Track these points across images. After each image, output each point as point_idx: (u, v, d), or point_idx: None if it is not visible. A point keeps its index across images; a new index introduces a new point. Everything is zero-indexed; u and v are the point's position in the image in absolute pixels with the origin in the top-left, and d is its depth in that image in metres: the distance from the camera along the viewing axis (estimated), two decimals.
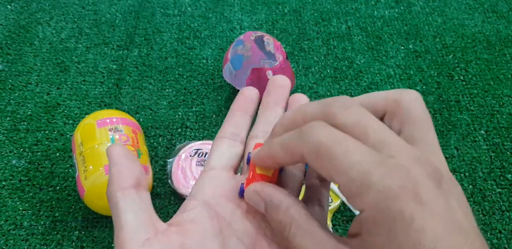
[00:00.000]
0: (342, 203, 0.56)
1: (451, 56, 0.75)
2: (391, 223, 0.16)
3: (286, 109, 0.29)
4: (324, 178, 0.25)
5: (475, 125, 0.66)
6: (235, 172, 0.26)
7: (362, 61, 0.73)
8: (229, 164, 0.26)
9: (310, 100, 0.68)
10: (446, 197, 0.17)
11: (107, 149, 0.23)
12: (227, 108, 0.66)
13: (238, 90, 0.67)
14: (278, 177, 0.24)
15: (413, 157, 0.18)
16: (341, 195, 0.57)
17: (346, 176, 0.17)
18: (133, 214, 0.21)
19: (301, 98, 0.29)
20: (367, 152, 0.17)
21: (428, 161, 0.18)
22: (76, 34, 0.74)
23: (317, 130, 0.18)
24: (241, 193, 0.23)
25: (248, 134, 0.28)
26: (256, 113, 0.29)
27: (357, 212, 0.53)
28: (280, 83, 0.29)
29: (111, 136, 0.51)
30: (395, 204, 0.16)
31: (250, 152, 0.25)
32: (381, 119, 0.22)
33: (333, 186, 0.57)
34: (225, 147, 0.26)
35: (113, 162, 0.23)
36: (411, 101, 0.21)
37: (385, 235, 0.16)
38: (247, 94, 0.29)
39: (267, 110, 0.28)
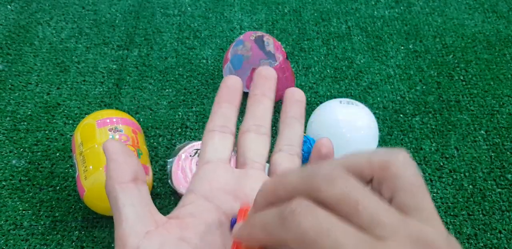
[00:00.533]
0: None
1: (451, 56, 0.75)
2: None
3: (274, 100, 0.29)
4: None
5: (475, 125, 0.66)
6: (229, 163, 0.26)
7: (362, 61, 0.73)
8: (223, 157, 0.26)
9: (310, 99, 0.67)
10: None
11: (103, 144, 0.23)
12: None
13: None
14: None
15: (410, 239, 0.16)
16: None
17: None
18: (133, 207, 0.21)
19: (295, 93, 0.29)
20: (358, 242, 0.16)
21: (426, 240, 0.17)
22: (76, 34, 0.74)
23: (299, 217, 0.17)
24: (232, 226, 0.22)
25: (236, 125, 0.28)
26: (242, 102, 0.29)
27: None
28: (265, 74, 0.29)
29: (111, 136, 0.51)
30: None
31: (234, 218, 0.23)
32: (368, 183, 0.20)
33: None
34: (217, 140, 0.26)
35: (110, 157, 0.23)
36: (400, 166, 0.19)
37: None
38: (230, 84, 0.28)
39: (255, 103, 0.28)
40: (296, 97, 0.29)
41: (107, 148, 0.23)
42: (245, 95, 0.28)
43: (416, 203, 0.18)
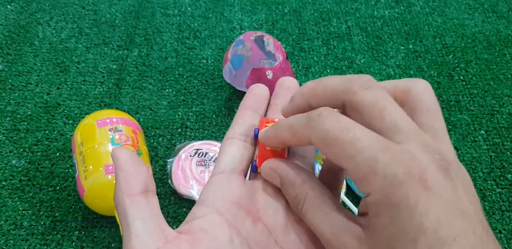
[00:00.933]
0: (347, 185, 0.56)
1: (451, 56, 0.75)
2: (396, 207, 0.17)
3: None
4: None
5: (475, 125, 0.66)
6: (245, 176, 0.25)
7: (362, 61, 0.73)
8: (239, 167, 0.25)
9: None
10: (452, 184, 0.18)
11: (113, 152, 0.22)
12: (227, 108, 0.66)
13: (238, 90, 0.67)
14: (290, 150, 0.25)
15: (422, 144, 0.18)
16: (341, 195, 0.57)
17: (353, 161, 0.18)
18: (142, 222, 0.21)
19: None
20: (374, 138, 0.18)
21: (437, 149, 0.18)
22: (76, 34, 0.74)
23: (324, 119, 0.19)
24: (254, 169, 0.24)
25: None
26: (266, 112, 0.28)
27: (362, 195, 0.53)
28: (288, 85, 0.28)
29: (111, 136, 0.51)
30: (400, 190, 0.17)
31: (256, 128, 0.25)
32: None
33: None
34: (235, 149, 0.25)
35: (119, 167, 0.22)
36: (421, 90, 0.21)
37: (390, 218, 0.17)
38: (257, 92, 0.28)
39: (275, 114, 0.28)
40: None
41: (116, 157, 0.22)
42: (244, 94, 0.28)
43: (432, 124, 0.20)
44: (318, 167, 0.57)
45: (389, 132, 0.18)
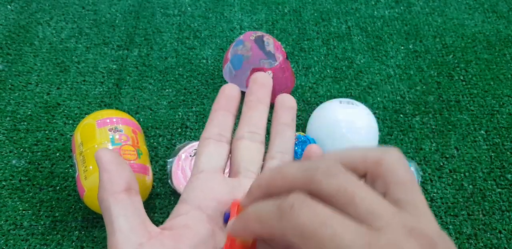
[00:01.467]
0: None
1: (451, 56, 0.75)
2: None
3: (269, 107, 0.29)
4: None
5: (475, 125, 0.66)
6: (223, 173, 0.26)
7: (362, 61, 0.73)
8: (217, 166, 0.25)
9: (310, 99, 0.67)
10: None
11: (96, 154, 0.23)
12: (227, 108, 0.66)
13: None
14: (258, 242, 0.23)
15: (405, 229, 0.17)
16: None
17: None
18: (125, 218, 0.21)
19: (285, 100, 0.28)
20: (355, 233, 0.17)
21: (421, 231, 0.17)
22: (76, 34, 0.75)
23: (298, 211, 0.17)
24: (226, 221, 0.23)
25: (233, 133, 0.28)
26: (240, 111, 0.29)
27: None
28: (261, 81, 0.29)
29: (111, 136, 0.51)
30: None
31: (227, 213, 0.24)
32: (362, 178, 0.21)
33: None
34: (212, 149, 0.26)
35: (103, 167, 0.23)
36: (393, 162, 0.20)
37: None
38: (228, 92, 0.28)
39: (251, 110, 0.28)
40: (287, 103, 0.28)
41: (99, 158, 0.23)
42: (244, 94, 0.28)
43: (409, 198, 0.19)
44: None
45: (366, 219, 0.17)
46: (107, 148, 0.24)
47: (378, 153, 0.20)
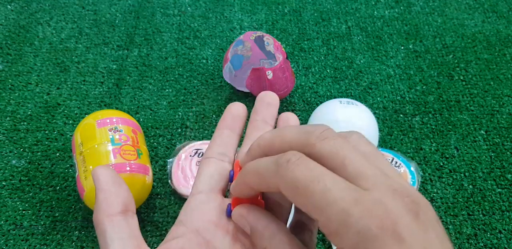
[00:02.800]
0: None
1: (451, 56, 0.75)
2: None
3: (275, 127, 0.28)
4: None
5: (475, 125, 0.66)
6: (224, 195, 0.25)
7: (362, 61, 0.73)
8: (217, 187, 0.25)
9: (310, 99, 0.67)
10: (425, 229, 0.17)
11: (93, 171, 0.22)
12: None
13: (238, 90, 0.67)
14: (265, 195, 0.24)
15: (390, 189, 0.18)
16: None
17: (324, 214, 0.17)
18: (121, 242, 0.21)
19: (290, 118, 0.28)
20: (345, 188, 0.17)
21: (405, 191, 0.18)
22: (76, 34, 0.75)
23: (294, 166, 0.18)
24: (229, 213, 0.23)
25: (236, 153, 0.27)
26: (244, 130, 0.28)
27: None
28: (268, 101, 0.28)
29: (111, 136, 0.51)
30: (374, 245, 0.16)
31: (231, 170, 0.24)
32: None
33: None
34: (213, 169, 0.25)
35: (99, 187, 0.22)
36: (355, 140, 0.21)
37: None
38: (234, 111, 0.28)
39: (255, 130, 0.27)
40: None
41: (96, 176, 0.22)
42: (244, 94, 0.28)
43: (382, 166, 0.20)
44: None
45: (355, 179, 0.18)
46: (105, 166, 0.23)
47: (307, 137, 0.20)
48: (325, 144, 0.19)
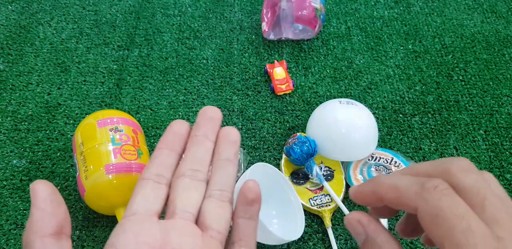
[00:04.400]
0: (345, 191, 0.56)
1: (450, 56, 0.75)
2: None
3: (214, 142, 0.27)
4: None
5: (474, 125, 0.66)
6: (159, 217, 0.24)
7: (361, 61, 0.73)
8: (152, 209, 0.24)
9: (310, 99, 0.67)
10: None
11: (32, 185, 0.21)
12: (227, 108, 0.66)
13: (238, 90, 0.67)
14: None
15: None
16: (336, 199, 0.58)
17: None
18: None
19: (231, 132, 0.27)
20: (487, 235, 0.18)
21: None
22: (77, 35, 0.75)
23: (440, 195, 0.19)
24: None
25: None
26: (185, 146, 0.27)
27: None
28: (211, 115, 0.27)
29: (111, 136, 0.51)
30: None
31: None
32: None
33: (329, 189, 0.57)
34: (149, 190, 0.24)
35: (35, 204, 0.21)
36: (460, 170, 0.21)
37: None
38: (177, 129, 0.27)
39: (196, 145, 0.27)
40: (230, 137, 0.27)
41: (35, 192, 0.21)
42: (244, 95, 0.28)
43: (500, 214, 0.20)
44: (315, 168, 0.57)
45: (491, 225, 0.18)
46: (45, 181, 0.21)
47: (445, 162, 0.21)
48: (467, 177, 0.19)
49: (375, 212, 0.24)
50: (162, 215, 0.25)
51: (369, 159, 0.59)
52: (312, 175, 0.57)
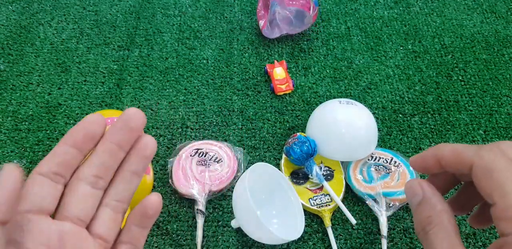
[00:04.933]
0: (345, 190, 0.56)
1: (450, 56, 0.75)
2: None
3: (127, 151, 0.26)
4: None
5: (474, 125, 0.66)
6: (51, 216, 0.24)
7: (361, 61, 0.74)
8: (48, 209, 0.23)
9: (310, 99, 0.67)
10: None
11: (5, 166, 0.21)
12: (227, 108, 0.66)
13: (238, 90, 0.68)
14: None
15: None
16: (336, 199, 0.58)
17: (507, 201, 0.20)
18: None
19: (148, 146, 0.26)
20: None
21: None
22: (77, 35, 0.75)
23: (495, 154, 0.21)
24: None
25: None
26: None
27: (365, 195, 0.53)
28: (132, 125, 0.26)
29: None
30: None
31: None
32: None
33: (329, 189, 0.57)
34: (45, 188, 0.23)
35: None
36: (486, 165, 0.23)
37: None
38: (91, 129, 0.25)
39: (107, 153, 0.25)
40: (146, 153, 0.26)
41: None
42: (244, 95, 0.28)
43: None
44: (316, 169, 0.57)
45: None
46: (16, 165, 0.21)
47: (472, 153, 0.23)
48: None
49: (432, 182, 0.27)
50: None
51: (368, 159, 0.60)
52: (312, 175, 0.57)
